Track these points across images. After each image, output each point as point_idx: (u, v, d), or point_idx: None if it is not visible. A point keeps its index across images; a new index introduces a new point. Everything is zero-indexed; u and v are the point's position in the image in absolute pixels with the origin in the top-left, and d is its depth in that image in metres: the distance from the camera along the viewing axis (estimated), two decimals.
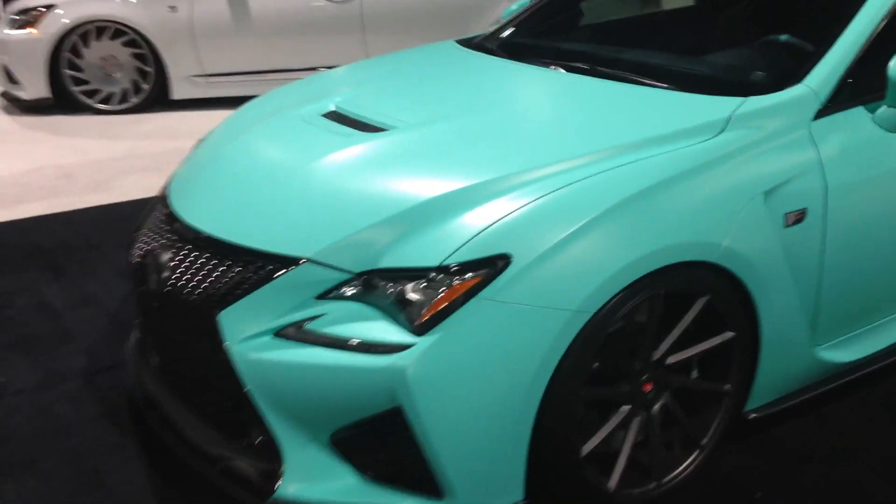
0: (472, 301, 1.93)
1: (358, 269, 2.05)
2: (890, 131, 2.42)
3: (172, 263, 2.28)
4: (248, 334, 2.09)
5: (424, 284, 1.98)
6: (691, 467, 2.32)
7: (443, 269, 1.97)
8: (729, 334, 2.25)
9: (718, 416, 2.34)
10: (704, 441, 2.33)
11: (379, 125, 2.48)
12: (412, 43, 6.29)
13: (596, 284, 1.97)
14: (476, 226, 2.00)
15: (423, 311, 1.96)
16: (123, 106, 6.56)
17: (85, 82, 6.45)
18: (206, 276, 2.19)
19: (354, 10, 6.50)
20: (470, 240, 1.98)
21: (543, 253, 1.95)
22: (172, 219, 2.41)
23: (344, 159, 2.31)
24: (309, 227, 2.14)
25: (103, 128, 6.17)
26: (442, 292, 1.96)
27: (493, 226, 1.99)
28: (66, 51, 6.31)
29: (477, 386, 1.94)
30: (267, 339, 2.08)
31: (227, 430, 2.24)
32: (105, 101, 6.55)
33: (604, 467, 2.19)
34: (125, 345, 2.78)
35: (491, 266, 1.95)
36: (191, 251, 2.26)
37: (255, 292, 2.10)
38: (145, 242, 2.48)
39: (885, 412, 2.66)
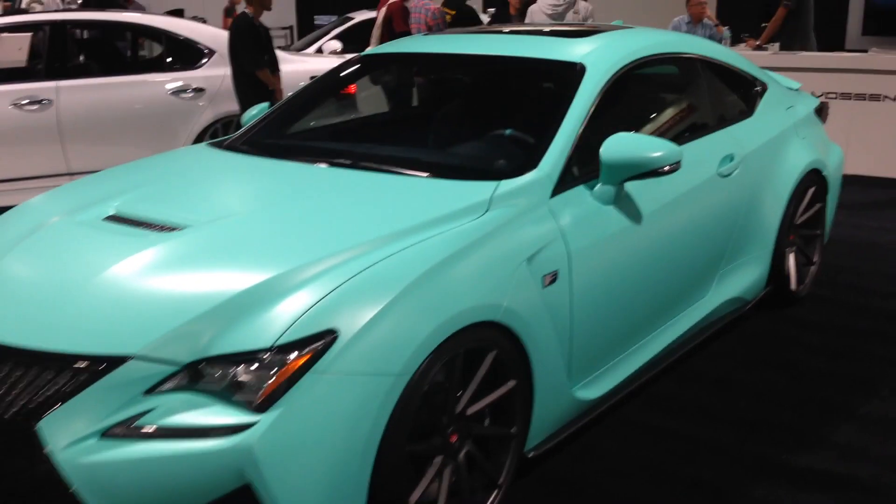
0: (307, 375, 2.10)
1: (186, 360, 2.12)
2: (605, 204, 2.96)
3: None
4: (72, 440, 2.06)
5: (257, 366, 2.11)
6: None
7: (274, 349, 2.11)
8: (512, 382, 2.59)
9: (509, 457, 2.66)
10: (501, 480, 2.63)
11: (169, 224, 2.56)
12: (118, 153, 6.22)
13: (412, 349, 2.22)
14: (299, 308, 2.18)
15: (261, 390, 2.08)
16: None
17: None
18: (12, 389, 2.13)
19: (50, 118, 6.26)
20: (296, 320, 2.15)
21: (364, 326, 2.18)
22: None
23: (148, 258, 2.37)
24: (127, 326, 2.18)
25: None
26: (275, 371, 2.09)
27: (316, 305, 2.18)
28: None
29: (319, 453, 2.10)
30: (93, 441, 2.07)
31: None
32: None
33: None
34: None
35: (320, 341, 2.13)
36: None
37: (76, 396, 2.09)
38: None
39: (632, 432, 3.16)
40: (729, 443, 3.10)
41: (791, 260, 4.24)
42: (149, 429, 2.07)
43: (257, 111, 3.88)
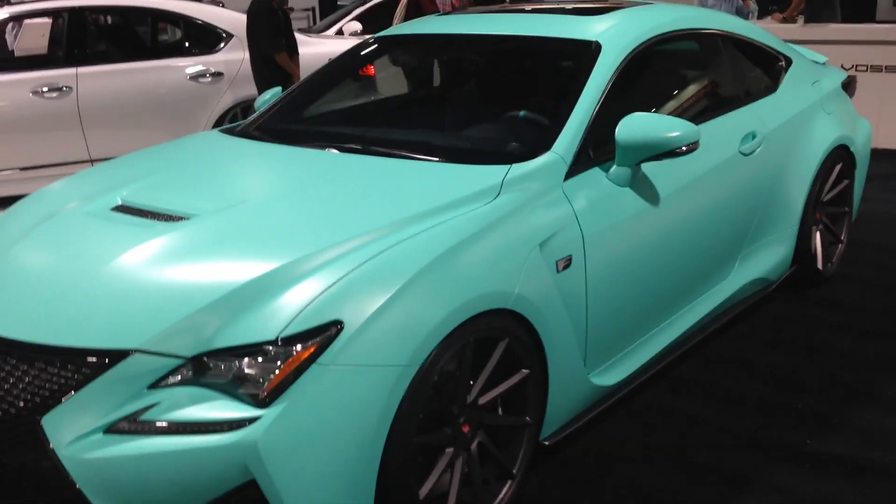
0: (313, 367, 2.06)
1: (190, 354, 2.09)
2: (621, 186, 2.89)
3: None
4: (76, 435, 2.04)
5: (261, 358, 2.07)
6: (508, 495, 2.56)
7: (279, 341, 2.08)
8: (525, 371, 2.54)
9: (523, 446, 2.61)
10: (515, 470, 2.59)
11: (175, 214, 2.53)
12: (136, 139, 6.23)
13: (420, 339, 2.18)
14: (304, 298, 2.14)
15: (266, 383, 2.05)
16: None
17: None
18: (17, 383, 2.11)
19: (70, 105, 6.27)
20: (301, 311, 2.11)
21: (371, 316, 2.13)
22: None
23: (153, 249, 2.33)
24: (131, 319, 2.15)
25: None
26: (280, 364, 2.06)
27: (322, 296, 2.13)
28: None
29: (326, 446, 2.06)
30: (97, 437, 2.05)
31: None
32: None
33: None
34: None
35: (325, 333, 2.09)
36: None
37: (80, 391, 2.07)
38: None
39: (653, 418, 3.10)
40: (751, 428, 3.03)
41: (817, 238, 4.13)
42: (153, 424, 2.04)
43: (270, 96, 3.84)
